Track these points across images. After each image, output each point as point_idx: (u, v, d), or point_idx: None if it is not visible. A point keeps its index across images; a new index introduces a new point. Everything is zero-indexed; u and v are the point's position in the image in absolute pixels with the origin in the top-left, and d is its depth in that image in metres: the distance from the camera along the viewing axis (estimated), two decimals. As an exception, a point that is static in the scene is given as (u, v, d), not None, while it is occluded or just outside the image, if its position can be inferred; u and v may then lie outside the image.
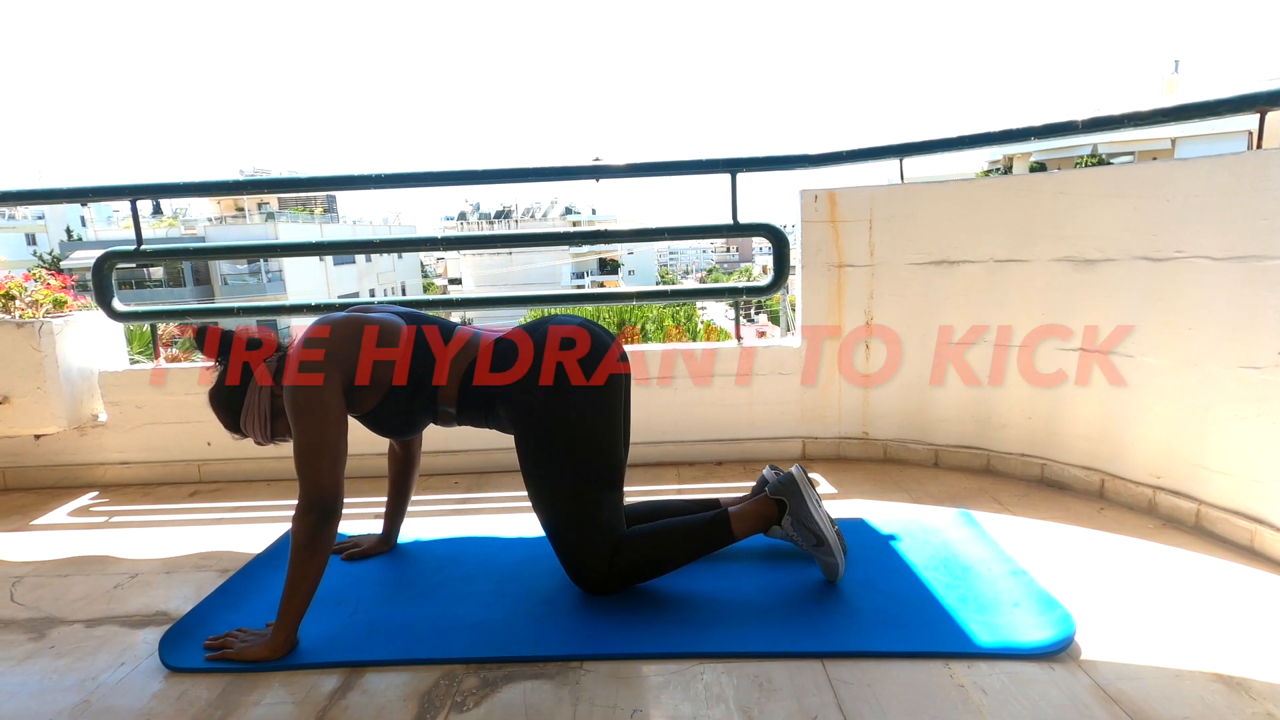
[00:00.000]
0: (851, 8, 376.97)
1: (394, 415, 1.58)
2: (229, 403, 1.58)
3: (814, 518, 1.57)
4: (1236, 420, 1.77)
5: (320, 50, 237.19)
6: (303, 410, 1.45)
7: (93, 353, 2.70)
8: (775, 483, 1.63)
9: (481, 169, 2.96)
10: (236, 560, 1.92)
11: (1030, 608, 1.49)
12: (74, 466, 2.66)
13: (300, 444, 1.44)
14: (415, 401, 1.57)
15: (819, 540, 1.57)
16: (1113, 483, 2.09)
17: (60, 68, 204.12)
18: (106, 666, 1.45)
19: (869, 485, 2.32)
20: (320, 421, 1.44)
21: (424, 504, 2.32)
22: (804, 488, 1.60)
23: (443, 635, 1.50)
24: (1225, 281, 1.77)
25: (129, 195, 2.69)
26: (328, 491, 1.43)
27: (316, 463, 1.43)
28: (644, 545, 1.58)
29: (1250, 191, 1.71)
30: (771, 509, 1.61)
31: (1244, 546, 1.74)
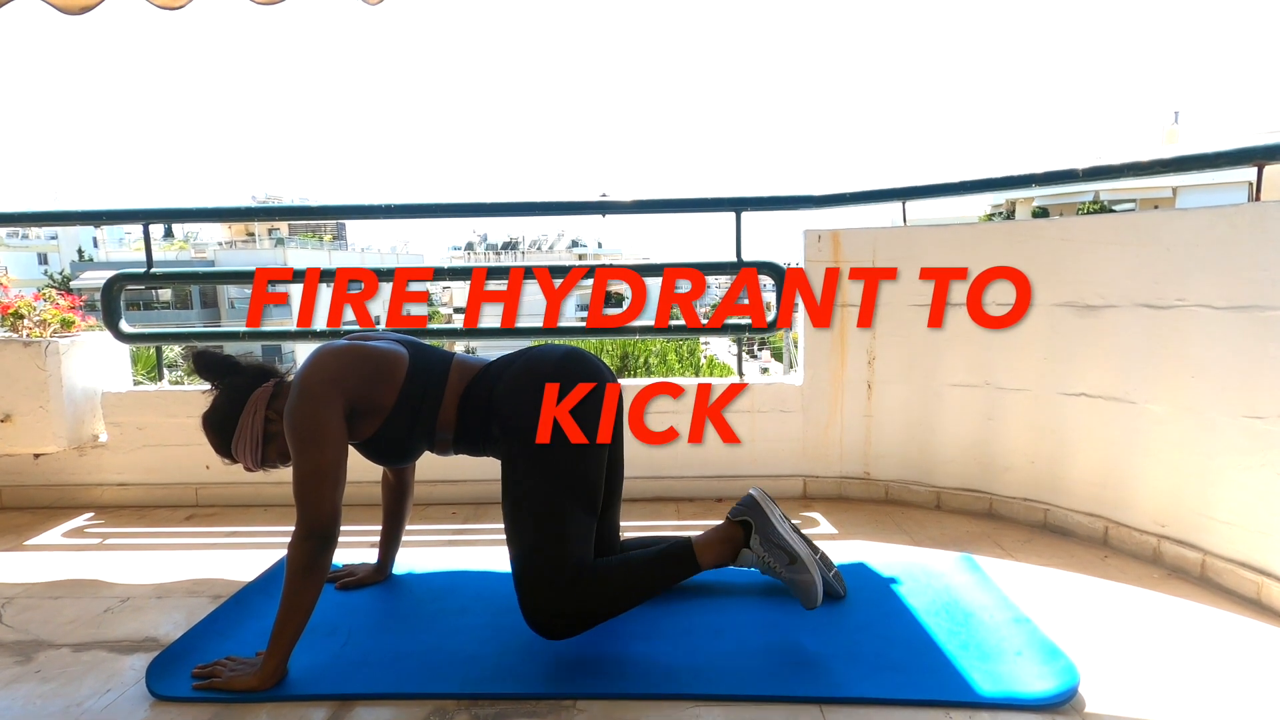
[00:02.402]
0: (862, 54, 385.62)
1: (392, 442, 1.58)
2: (222, 427, 1.57)
3: (781, 534, 1.55)
4: (1241, 470, 1.75)
5: (336, 82, 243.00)
6: (306, 436, 1.44)
7: (97, 373, 2.72)
8: (737, 505, 1.61)
9: (489, 202, 3.01)
10: (229, 587, 1.90)
11: (1033, 656, 1.46)
12: (71, 487, 2.65)
13: (301, 470, 1.44)
14: (414, 428, 1.56)
15: (791, 557, 1.53)
16: (1117, 530, 2.06)
17: (80, 91, 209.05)
18: (92, 693, 1.43)
19: (870, 526, 2.30)
20: (322, 447, 1.44)
21: (421, 533, 2.30)
22: (766, 506, 1.58)
23: (435, 669, 1.47)
24: (1227, 331, 1.77)
25: (142, 219, 2.74)
26: (326, 517, 1.42)
27: (317, 489, 1.42)
28: (605, 575, 1.50)
29: (1249, 242, 1.72)
30: (736, 532, 1.58)
31: (1250, 599, 1.72)
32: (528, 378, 1.53)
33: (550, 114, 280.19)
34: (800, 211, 2.68)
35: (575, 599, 1.45)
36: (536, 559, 1.45)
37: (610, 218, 2.85)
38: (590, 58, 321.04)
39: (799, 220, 2.64)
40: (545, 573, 1.44)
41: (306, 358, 1.54)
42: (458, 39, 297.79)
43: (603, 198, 2.89)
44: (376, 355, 1.55)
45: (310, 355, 1.54)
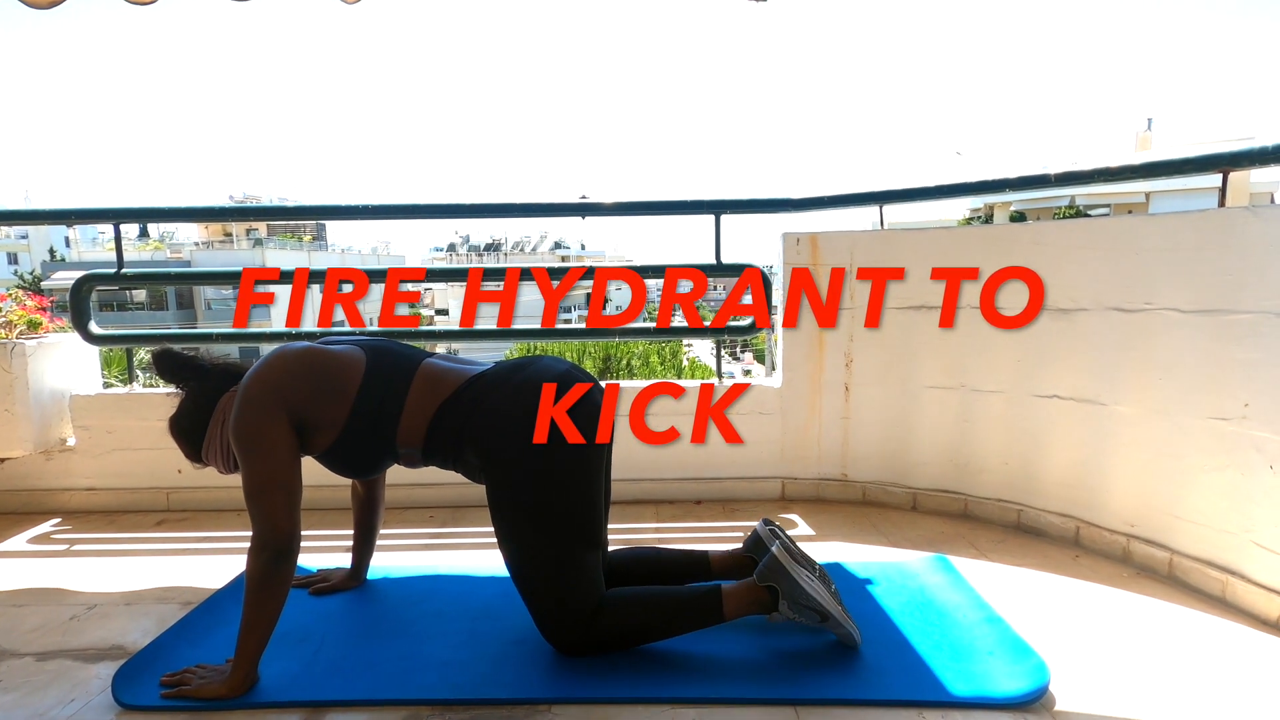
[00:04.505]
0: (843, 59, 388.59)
1: (350, 455, 1.50)
2: (190, 431, 1.52)
3: (810, 595, 1.45)
4: (1206, 471, 1.79)
5: (316, 81, 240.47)
6: (248, 447, 1.39)
7: (66, 375, 2.66)
8: (761, 568, 1.49)
9: (470, 203, 2.99)
10: (200, 593, 1.87)
11: (1005, 656, 1.48)
12: (38, 492, 2.60)
13: (248, 482, 1.39)
14: (372, 443, 1.48)
15: (823, 616, 1.47)
16: (1088, 530, 2.10)
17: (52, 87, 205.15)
18: (56, 703, 1.40)
19: (847, 528, 2.31)
20: (267, 458, 1.38)
21: (397, 538, 2.28)
22: (790, 566, 1.47)
23: (409, 675, 1.46)
24: (1193, 334, 1.81)
25: (113, 219, 2.68)
26: (281, 530, 1.37)
27: (266, 501, 1.37)
28: (626, 613, 1.48)
29: (1215, 248, 1.76)
30: (763, 594, 1.48)
31: (1216, 597, 1.75)
32: (515, 407, 1.44)
33: (532, 115, 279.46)
34: (779, 215, 2.70)
35: (596, 640, 1.48)
36: (550, 618, 1.47)
37: (594, 220, 2.84)
38: (572, 59, 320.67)
39: (778, 223, 2.66)
40: (564, 624, 1.46)
41: (257, 362, 1.47)
42: (439, 38, 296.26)
43: (582, 199, 2.89)
44: (326, 366, 1.46)
45: (260, 360, 1.48)
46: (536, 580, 1.46)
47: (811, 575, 1.49)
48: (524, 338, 3.21)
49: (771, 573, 1.48)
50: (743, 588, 1.51)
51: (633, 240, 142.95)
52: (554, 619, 1.47)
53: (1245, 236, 1.69)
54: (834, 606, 1.48)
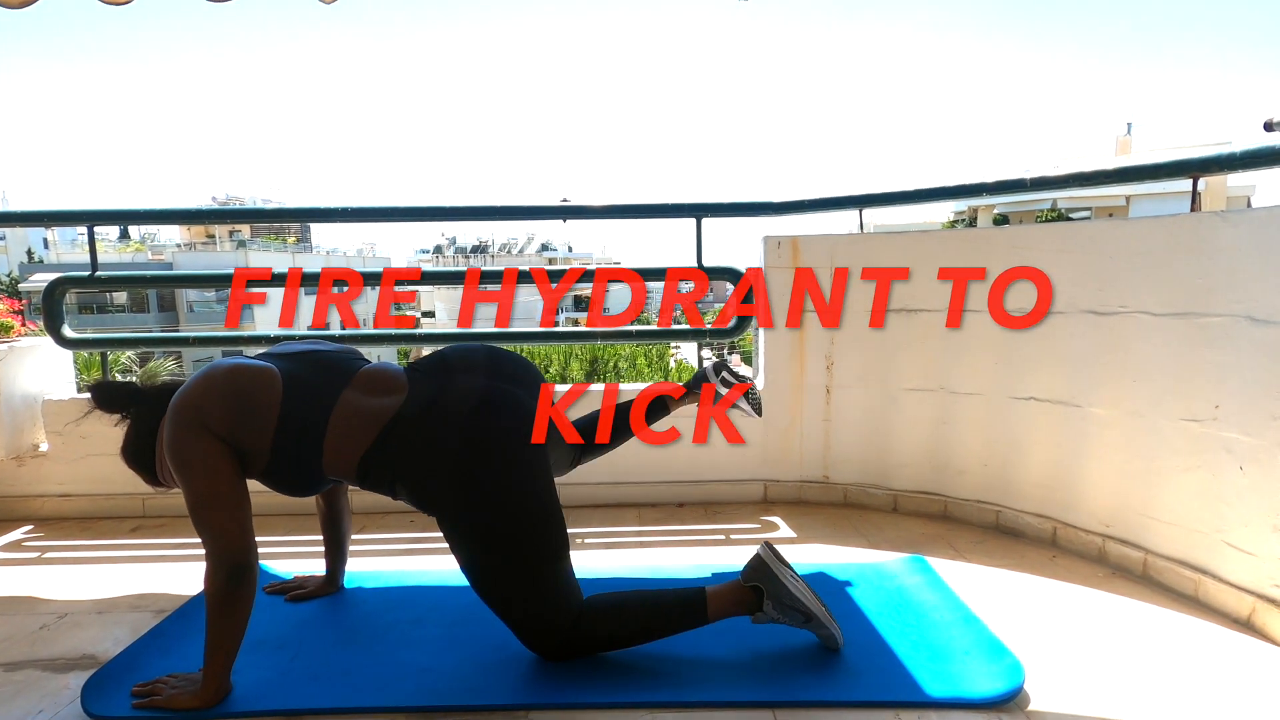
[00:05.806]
0: (822, 64, 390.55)
1: (285, 480, 1.43)
2: (139, 456, 1.49)
3: (794, 595, 1.47)
4: (1179, 471, 1.81)
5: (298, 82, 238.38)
6: (181, 466, 1.34)
7: (38, 380, 2.62)
8: (746, 568, 1.50)
9: (454, 206, 2.99)
10: (175, 600, 1.84)
11: (980, 656, 1.49)
12: (9, 499, 2.55)
13: (189, 501, 1.34)
14: (302, 470, 1.41)
15: (807, 617, 1.48)
16: (1065, 530, 2.12)
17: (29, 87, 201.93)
18: (24, 714, 1.37)
19: (828, 530, 2.32)
20: (202, 475, 1.33)
21: (376, 542, 2.26)
22: (775, 566, 1.48)
23: (387, 682, 1.45)
24: (1166, 337, 1.83)
25: (87, 221, 2.65)
26: (234, 546, 1.33)
27: (211, 517, 1.33)
28: (608, 620, 1.47)
29: (1186, 252, 1.79)
30: (748, 594, 1.49)
31: (1189, 596, 1.77)
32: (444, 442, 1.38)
33: (516, 117, 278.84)
34: (761, 219, 2.71)
35: (578, 646, 1.47)
36: (530, 633, 1.46)
37: (580, 223, 2.84)
38: (555, 62, 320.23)
39: (760, 226, 2.66)
40: (544, 637, 1.46)
41: (188, 380, 1.44)
42: (422, 38, 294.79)
43: (564, 202, 2.89)
44: (250, 387, 1.38)
45: (191, 377, 1.43)
46: (513, 605, 1.44)
47: (796, 580, 1.51)
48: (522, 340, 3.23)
49: (756, 573, 1.49)
50: (727, 589, 1.51)
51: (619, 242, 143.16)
52: (534, 634, 1.46)
53: (1216, 241, 1.72)
54: (817, 607, 1.49)
